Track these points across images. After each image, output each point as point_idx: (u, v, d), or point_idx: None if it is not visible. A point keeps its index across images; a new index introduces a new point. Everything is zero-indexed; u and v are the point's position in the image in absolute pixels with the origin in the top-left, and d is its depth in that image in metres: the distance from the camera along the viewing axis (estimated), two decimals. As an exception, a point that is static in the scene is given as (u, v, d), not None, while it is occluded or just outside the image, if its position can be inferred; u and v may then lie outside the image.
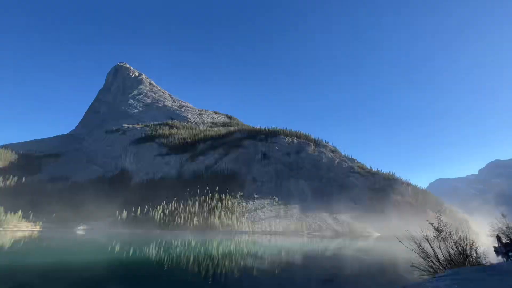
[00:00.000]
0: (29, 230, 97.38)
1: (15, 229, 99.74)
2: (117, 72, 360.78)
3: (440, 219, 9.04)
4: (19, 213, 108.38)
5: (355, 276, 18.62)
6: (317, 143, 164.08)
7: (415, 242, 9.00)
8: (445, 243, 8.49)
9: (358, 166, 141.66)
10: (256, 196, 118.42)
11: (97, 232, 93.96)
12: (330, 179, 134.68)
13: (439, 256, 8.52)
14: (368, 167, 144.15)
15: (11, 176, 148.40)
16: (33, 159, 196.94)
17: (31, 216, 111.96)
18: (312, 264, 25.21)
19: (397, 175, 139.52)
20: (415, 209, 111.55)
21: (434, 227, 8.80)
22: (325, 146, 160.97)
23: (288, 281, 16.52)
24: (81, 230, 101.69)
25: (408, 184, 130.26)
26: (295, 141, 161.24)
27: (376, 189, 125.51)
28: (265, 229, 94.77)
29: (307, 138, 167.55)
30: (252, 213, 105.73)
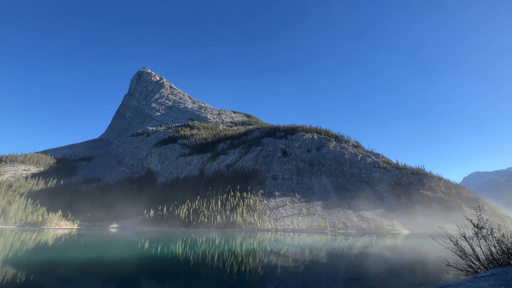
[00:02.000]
0: (69, 228, 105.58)
1: (57, 227, 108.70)
2: (140, 77, 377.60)
3: (479, 215, 8.36)
4: (59, 212, 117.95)
5: (384, 275, 17.86)
6: (338, 138, 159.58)
7: (451, 240, 8.40)
8: (486, 241, 7.83)
9: (383, 161, 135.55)
10: (277, 193, 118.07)
11: (127, 229, 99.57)
12: (353, 175, 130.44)
13: (479, 255, 7.88)
14: (394, 161, 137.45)
15: (51, 179, 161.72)
16: (69, 163, 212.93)
17: (69, 215, 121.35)
18: (338, 262, 24.60)
19: (427, 169, 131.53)
20: (449, 205, 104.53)
21: (473, 223, 8.14)
22: (347, 141, 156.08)
23: (313, 279, 16.25)
24: (113, 228, 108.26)
25: (440, 178, 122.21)
26: (315, 137, 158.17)
27: (404, 185, 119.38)
28: (288, 226, 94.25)
29: (327, 134, 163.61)
30: (273, 211, 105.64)
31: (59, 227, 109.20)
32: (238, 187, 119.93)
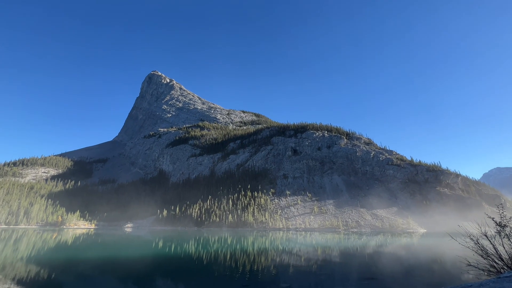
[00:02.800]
0: (86, 228, 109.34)
1: (75, 227, 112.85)
2: (151, 80, 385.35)
3: (502, 213, 7.99)
4: (77, 212, 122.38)
5: (400, 275, 17.42)
6: (349, 135, 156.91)
7: (471, 238, 8.08)
8: (509, 240, 7.48)
9: (397, 158, 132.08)
10: (288, 192, 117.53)
11: (142, 229, 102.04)
12: (366, 173, 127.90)
13: (502, 254, 7.54)
14: (409, 158, 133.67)
15: (68, 181, 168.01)
16: (85, 165, 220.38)
17: (87, 215, 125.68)
18: (351, 261, 24.21)
19: (443, 166, 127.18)
20: (467, 202, 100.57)
21: (495, 221, 7.79)
22: (358, 139, 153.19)
23: (327, 278, 16.07)
24: (128, 227, 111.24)
25: (457, 175, 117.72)
26: (325, 135, 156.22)
27: (419, 182, 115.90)
28: (299, 225, 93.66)
29: (338, 131, 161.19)
30: (285, 210, 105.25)
31: (78, 226, 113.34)
32: (248, 187, 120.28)
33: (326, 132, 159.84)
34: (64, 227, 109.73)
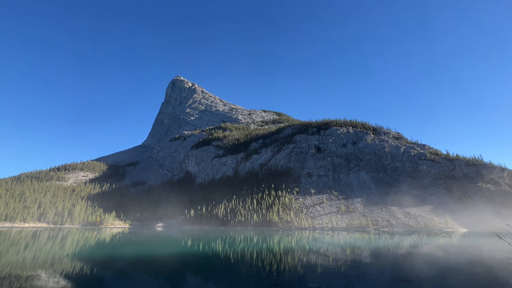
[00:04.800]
0: (121, 227, 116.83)
1: (112, 226, 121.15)
2: (174, 85, 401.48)
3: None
4: (113, 213, 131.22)
5: (438, 277, 16.18)
6: (376, 130, 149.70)
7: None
8: None
9: (431, 152, 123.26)
10: (313, 191, 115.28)
11: (171, 228, 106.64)
12: (396, 169, 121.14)
13: None
14: (444, 152, 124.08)
15: (104, 183, 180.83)
16: (118, 168, 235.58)
17: (121, 216, 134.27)
18: (383, 262, 23.03)
19: (485, 159, 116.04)
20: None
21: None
22: (386, 133, 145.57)
23: (357, 279, 15.44)
24: (159, 226, 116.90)
25: (503, 169, 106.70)
26: (350, 131, 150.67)
27: (457, 178, 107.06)
28: (326, 225, 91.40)
29: (364, 127, 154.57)
30: (310, 209, 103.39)
31: (114, 226, 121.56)
32: (272, 186, 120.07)
33: (351, 128, 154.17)
34: (102, 226, 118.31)
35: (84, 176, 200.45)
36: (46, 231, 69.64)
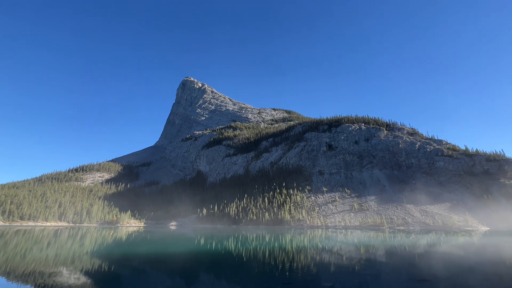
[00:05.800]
0: (137, 226, 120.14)
1: (127, 225, 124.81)
2: (184, 86, 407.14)
3: None
4: (129, 212, 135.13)
5: (457, 278, 15.63)
6: (389, 126, 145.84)
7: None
8: None
9: (448, 148, 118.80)
10: (324, 189, 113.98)
11: (185, 227, 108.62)
12: (411, 166, 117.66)
13: None
14: (462, 147, 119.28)
15: (119, 183, 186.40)
16: (132, 168, 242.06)
17: (136, 215, 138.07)
18: (399, 261, 22.49)
19: (508, 154, 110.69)
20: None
21: None
22: (400, 129, 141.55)
23: (372, 278, 15.16)
24: (172, 225, 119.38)
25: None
26: (362, 127, 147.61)
27: (477, 174, 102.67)
28: (338, 223, 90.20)
29: (377, 123, 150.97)
30: (322, 207, 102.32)
31: (130, 225, 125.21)
32: (283, 184, 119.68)
33: (363, 124, 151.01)
34: (119, 225, 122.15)
35: (100, 176, 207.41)
36: (66, 230, 72.76)
